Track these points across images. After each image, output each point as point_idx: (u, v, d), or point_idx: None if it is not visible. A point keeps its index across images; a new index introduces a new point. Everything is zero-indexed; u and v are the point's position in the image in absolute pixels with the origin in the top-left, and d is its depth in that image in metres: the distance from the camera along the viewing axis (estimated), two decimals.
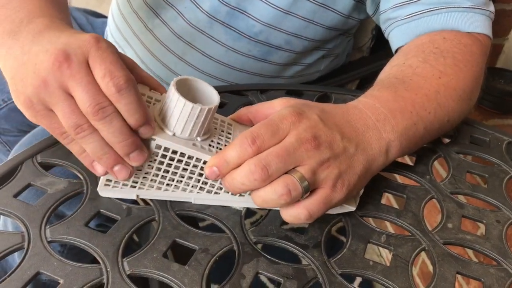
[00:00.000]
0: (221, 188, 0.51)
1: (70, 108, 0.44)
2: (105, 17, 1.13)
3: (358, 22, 0.87)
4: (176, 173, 0.49)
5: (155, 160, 0.48)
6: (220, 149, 0.49)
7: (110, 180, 0.50)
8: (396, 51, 0.74)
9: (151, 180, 0.50)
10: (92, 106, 0.43)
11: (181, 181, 0.50)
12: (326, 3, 0.79)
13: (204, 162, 0.48)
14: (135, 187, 0.51)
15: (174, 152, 0.47)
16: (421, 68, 0.62)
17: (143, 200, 0.53)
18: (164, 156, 0.48)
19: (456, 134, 0.71)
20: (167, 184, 0.51)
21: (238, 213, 0.53)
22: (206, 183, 0.50)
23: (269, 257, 0.48)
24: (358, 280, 1.34)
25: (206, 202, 0.53)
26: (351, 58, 1.11)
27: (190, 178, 0.50)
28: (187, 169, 0.49)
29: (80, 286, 0.43)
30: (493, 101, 1.14)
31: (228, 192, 0.51)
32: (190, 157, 0.48)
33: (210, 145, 0.49)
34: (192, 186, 0.51)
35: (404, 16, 0.71)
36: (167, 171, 0.49)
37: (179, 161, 0.48)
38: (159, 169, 0.49)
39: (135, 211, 0.51)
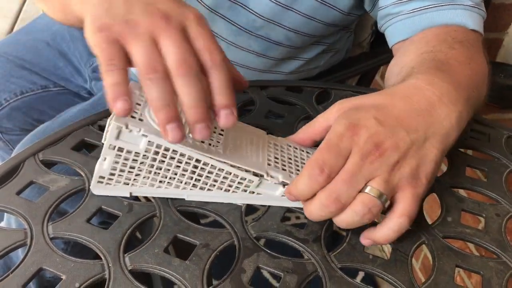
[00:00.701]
0: (213, 185, 0.51)
1: (151, 50, 0.43)
2: None
3: (357, 18, 0.87)
4: (169, 170, 0.49)
5: (148, 157, 0.48)
6: (211, 145, 0.49)
7: (103, 177, 0.50)
8: (395, 44, 0.74)
9: (144, 177, 0.50)
10: (179, 60, 0.43)
11: (174, 178, 0.50)
12: (328, 0, 0.79)
13: (197, 160, 0.48)
14: (128, 184, 0.51)
15: (167, 149, 0.47)
16: (451, 54, 0.61)
17: (145, 196, 0.53)
18: (156, 153, 0.48)
19: None
20: (160, 181, 0.51)
21: (238, 209, 0.53)
22: (199, 180, 0.50)
23: (269, 251, 0.48)
24: (361, 275, 1.34)
25: (200, 198, 0.53)
26: (351, 54, 1.11)
27: (183, 175, 0.50)
28: (179, 166, 0.49)
29: (82, 281, 0.43)
30: (493, 95, 1.14)
31: (221, 189, 0.51)
32: (182, 155, 0.48)
33: (202, 142, 0.49)
34: (185, 183, 0.51)
35: (408, 11, 0.71)
36: (160, 168, 0.49)
37: (172, 158, 0.48)
38: (151, 166, 0.49)
39: (137, 207, 0.51)
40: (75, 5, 0.50)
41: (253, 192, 0.52)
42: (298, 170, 0.53)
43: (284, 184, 0.51)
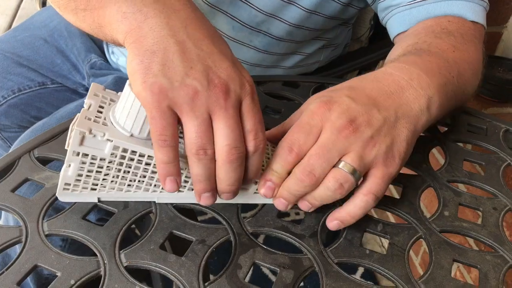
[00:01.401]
0: (184, 186, 0.50)
1: (205, 130, 0.43)
2: None
3: (358, 11, 0.87)
4: (137, 173, 0.48)
5: (114, 161, 0.46)
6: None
7: (69, 184, 0.48)
8: (395, 37, 0.74)
9: (112, 181, 0.49)
10: (230, 146, 0.44)
11: (143, 181, 0.49)
12: None
13: None
14: (95, 189, 0.49)
15: (133, 152, 0.46)
16: (435, 43, 0.62)
17: None
18: (123, 157, 0.46)
19: (453, 122, 0.71)
20: (129, 185, 0.49)
21: (234, 205, 0.53)
22: None
23: (265, 247, 0.48)
24: (361, 270, 1.34)
25: (171, 200, 0.52)
26: (350, 49, 1.11)
27: (152, 178, 0.49)
28: (147, 169, 0.48)
29: (77, 278, 0.43)
30: (491, 90, 1.13)
31: (192, 190, 0.50)
32: (150, 157, 0.46)
33: None
34: (155, 186, 0.50)
35: (406, 3, 0.71)
36: (127, 172, 0.48)
37: (139, 161, 0.47)
38: (118, 171, 0.47)
39: (132, 204, 0.51)
40: (117, 34, 0.47)
41: None
42: None
43: (256, 182, 0.50)
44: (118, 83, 0.90)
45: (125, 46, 0.46)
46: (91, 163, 0.46)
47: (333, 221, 0.50)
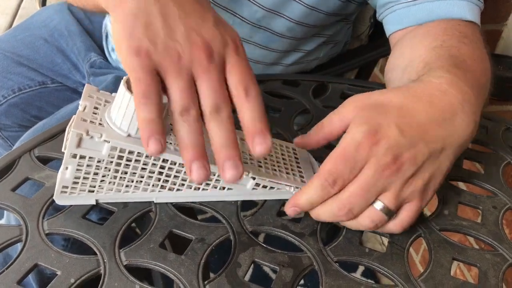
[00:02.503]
0: (182, 185, 0.50)
1: (188, 90, 0.43)
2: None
3: (358, 8, 0.87)
4: (135, 173, 0.48)
5: (112, 162, 0.46)
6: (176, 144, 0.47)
7: (67, 187, 0.48)
8: (393, 33, 0.73)
9: (110, 183, 0.48)
10: (214, 105, 0.43)
11: (141, 181, 0.49)
12: None
13: (164, 160, 0.47)
14: (93, 191, 0.49)
15: (131, 152, 0.46)
16: (464, 50, 0.60)
17: None
18: (120, 157, 0.46)
19: None
20: (127, 186, 0.49)
21: (234, 203, 0.53)
22: (167, 181, 0.49)
23: (265, 245, 0.48)
24: (362, 268, 1.34)
25: (169, 200, 0.52)
26: (350, 47, 1.10)
27: (150, 177, 0.48)
28: (146, 169, 0.48)
29: (77, 277, 0.43)
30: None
31: (190, 188, 0.50)
32: (148, 157, 0.46)
33: (169, 142, 0.47)
34: (153, 185, 0.50)
35: (406, 0, 0.71)
36: (125, 172, 0.48)
37: (137, 161, 0.47)
38: (116, 171, 0.47)
39: (132, 202, 0.51)
40: None
41: (224, 188, 0.51)
42: (272, 164, 0.52)
43: (253, 177, 0.50)
44: (118, 83, 0.89)
45: (107, 10, 0.47)
46: (88, 165, 0.46)
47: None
